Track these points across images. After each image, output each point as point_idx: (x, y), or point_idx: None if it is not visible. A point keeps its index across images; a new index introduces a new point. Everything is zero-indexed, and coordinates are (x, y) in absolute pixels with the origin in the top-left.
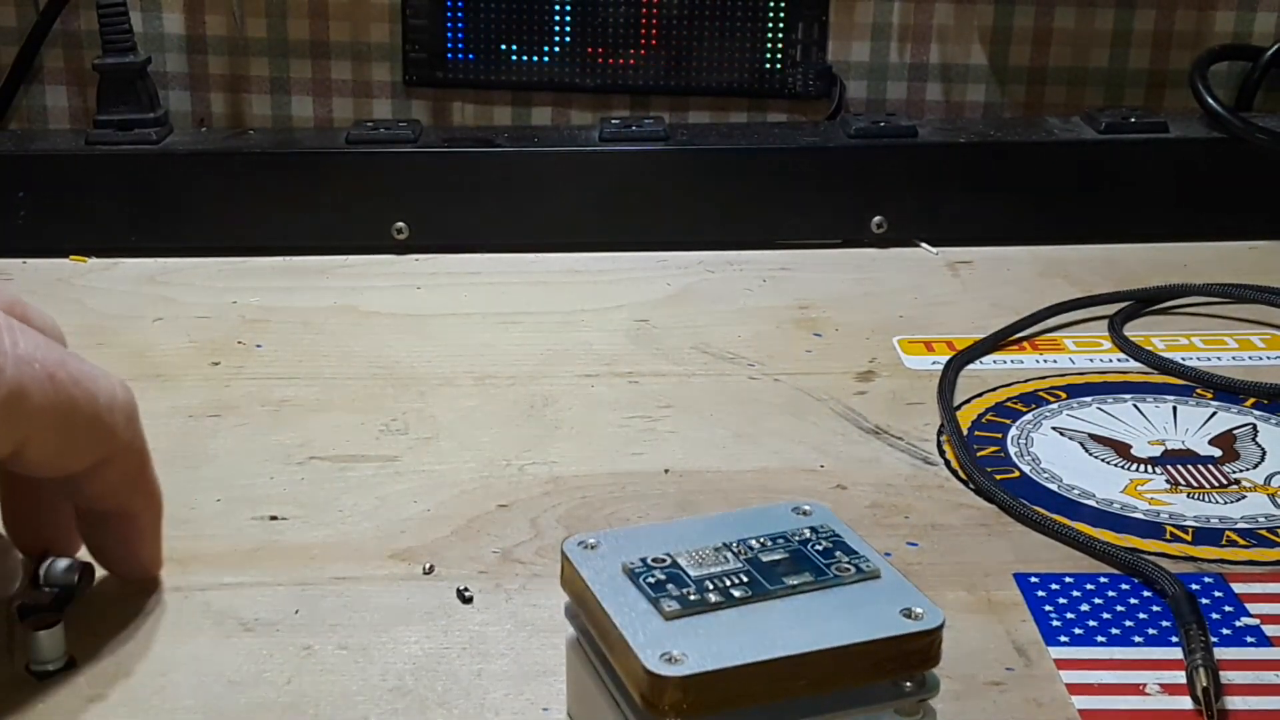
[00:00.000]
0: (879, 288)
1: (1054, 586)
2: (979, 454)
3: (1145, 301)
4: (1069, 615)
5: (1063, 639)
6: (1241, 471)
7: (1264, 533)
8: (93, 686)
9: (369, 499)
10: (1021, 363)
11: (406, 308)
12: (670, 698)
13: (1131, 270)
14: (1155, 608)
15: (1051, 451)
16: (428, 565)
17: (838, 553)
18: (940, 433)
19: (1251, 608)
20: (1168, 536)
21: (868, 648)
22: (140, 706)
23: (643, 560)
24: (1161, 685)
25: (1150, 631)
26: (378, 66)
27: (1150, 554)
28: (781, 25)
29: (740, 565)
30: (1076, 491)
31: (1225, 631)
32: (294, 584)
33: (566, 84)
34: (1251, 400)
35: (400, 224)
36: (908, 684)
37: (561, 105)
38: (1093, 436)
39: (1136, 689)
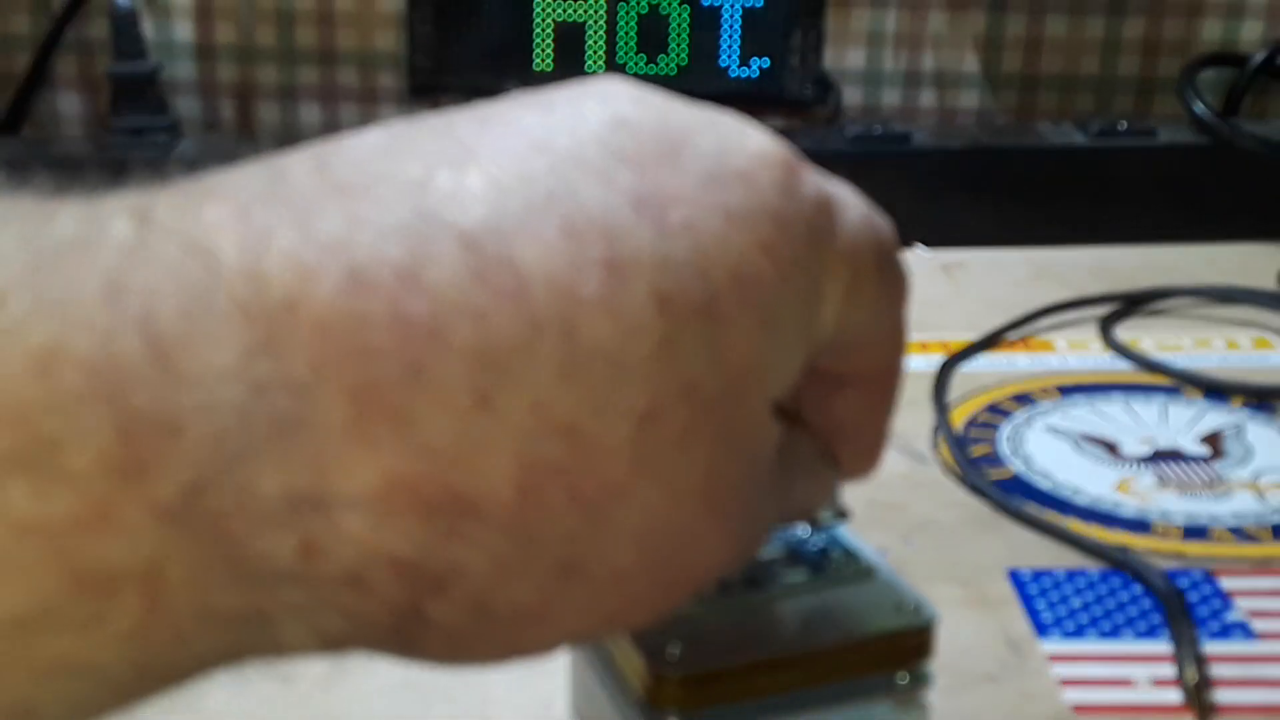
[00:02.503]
0: None
1: (1046, 582)
2: (972, 453)
3: (1135, 303)
4: (1060, 610)
5: (1054, 633)
6: (1229, 470)
7: (1250, 529)
8: None
9: None
10: (1014, 363)
11: None
12: (670, 694)
13: (1121, 272)
14: (1145, 603)
15: (1043, 450)
16: None
17: (833, 550)
18: (934, 431)
19: (1238, 602)
20: (1157, 533)
21: (864, 643)
22: (139, 706)
23: None
24: (1151, 678)
25: (1140, 626)
26: (384, 74)
27: (1140, 550)
28: (777, 32)
29: None
30: (1068, 489)
31: (1213, 626)
32: None
33: None
34: (1239, 400)
35: None
36: (902, 678)
37: None
38: (1084, 435)
39: (1127, 682)
